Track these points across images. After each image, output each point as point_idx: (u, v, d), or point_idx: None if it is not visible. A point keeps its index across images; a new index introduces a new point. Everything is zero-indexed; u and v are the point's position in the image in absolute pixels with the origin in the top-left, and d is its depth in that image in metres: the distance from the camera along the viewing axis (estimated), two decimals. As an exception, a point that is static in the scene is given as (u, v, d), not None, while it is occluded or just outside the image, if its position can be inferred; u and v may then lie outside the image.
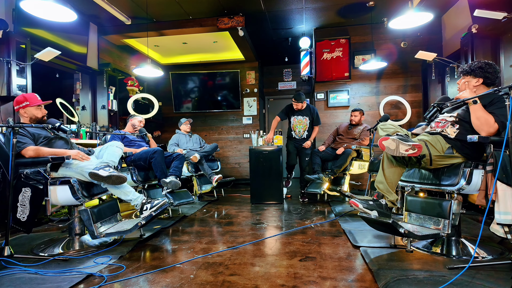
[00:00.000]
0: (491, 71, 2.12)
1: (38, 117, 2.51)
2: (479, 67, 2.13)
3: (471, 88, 2.18)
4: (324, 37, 5.39)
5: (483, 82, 2.14)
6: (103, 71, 4.71)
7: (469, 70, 2.18)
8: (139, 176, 3.28)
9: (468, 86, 2.19)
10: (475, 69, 2.15)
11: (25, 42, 3.33)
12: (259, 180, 4.15)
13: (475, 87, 2.17)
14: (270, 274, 1.89)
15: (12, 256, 2.07)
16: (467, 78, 2.21)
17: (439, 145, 2.12)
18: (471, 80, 2.18)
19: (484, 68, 2.12)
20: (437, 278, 1.73)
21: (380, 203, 2.23)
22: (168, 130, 6.50)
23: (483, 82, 2.14)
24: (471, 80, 2.18)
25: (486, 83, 2.15)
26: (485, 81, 2.14)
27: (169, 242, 2.60)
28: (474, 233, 2.55)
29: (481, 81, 2.14)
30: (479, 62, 2.16)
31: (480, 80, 2.14)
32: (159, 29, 4.82)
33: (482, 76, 2.13)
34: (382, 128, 2.40)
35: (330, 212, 3.58)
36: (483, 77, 2.13)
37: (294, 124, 4.52)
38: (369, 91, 5.32)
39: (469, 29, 3.74)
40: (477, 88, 2.17)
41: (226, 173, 6.38)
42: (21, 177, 2.21)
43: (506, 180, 1.74)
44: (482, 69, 2.12)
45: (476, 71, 2.14)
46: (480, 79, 2.14)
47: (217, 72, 6.46)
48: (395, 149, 2.04)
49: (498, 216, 1.75)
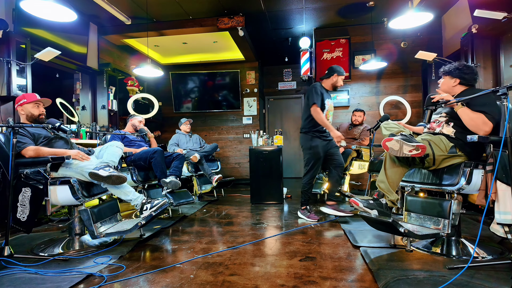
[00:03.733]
0: (468, 72, 2.22)
1: (34, 115, 2.49)
2: (456, 68, 2.23)
3: (450, 88, 2.28)
4: (324, 37, 5.39)
5: (460, 82, 2.24)
6: (103, 71, 4.71)
7: (447, 70, 2.28)
8: (139, 176, 3.28)
9: (448, 86, 2.29)
10: (452, 70, 2.25)
11: (25, 42, 3.33)
12: (259, 180, 4.14)
13: (453, 87, 2.27)
14: (270, 274, 1.89)
15: (12, 256, 2.07)
16: (446, 78, 2.30)
17: (442, 145, 2.13)
18: (449, 80, 2.28)
19: (461, 69, 2.22)
20: (437, 278, 1.73)
21: (381, 202, 2.23)
22: (168, 130, 6.50)
23: (460, 83, 2.24)
24: (449, 80, 2.28)
25: (462, 83, 2.24)
26: (461, 81, 2.23)
27: (169, 242, 2.60)
28: (474, 233, 2.54)
29: (458, 81, 2.24)
30: (459, 64, 2.26)
31: (458, 80, 2.24)
32: (159, 29, 4.83)
33: (458, 76, 2.23)
34: (385, 127, 2.39)
35: (330, 212, 3.58)
36: (460, 78, 2.23)
37: (328, 111, 3.26)
38: (369, 91, 5.32)
39: (469, 29, 3.75)
40: (454, 88, 2.26)
41: (226, 173, 6.39)
42: (21, 177, 2.21)
43: (505, 180, 1.74)
44: (459, 70, 2.22)
45: (453, 72, 2.25)
46: (457, 79, 2.24)
47: (217, 72, 6.46)
48: (399, 150, 2.04)
49: (498, 216, 1.75)
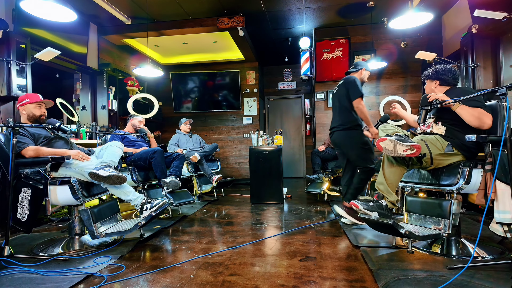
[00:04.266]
0: (444, 73, 2.30)
1: (36, 115, 2.50)
2: (434, 71, 2.34)
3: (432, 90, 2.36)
4: (324, 37, 5.39)
5: (440, 83, 2.33)
6: (103, 71, 4.72)
7: (427, 75, 2.40)
8: (139, 176, 3.28)
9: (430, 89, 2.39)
10: (430, 74, 2.37)
11: (25, 42, 3.33)
12: (259, 180, 4.14)
13: (435, 88, 2.36)
14: (270, 274, 1.89)
15: (12, 256, 2.07)
16: (427, 82, 2.42)
17: (438, 144, 2.13)
18: (430, 84, 2.39)
19: (438, 71, 2.32)
20: (437, 278, 1.73)
21: (381, 204, 2.23)
22: (168, 130, 6.50)
23: (440, 84, 2.33)
24: (430, 84, 2.39)
25: (442, 84, 2.33)
26: (441, 82, 2.33)
27: (169, 242, 2.60)
28: (474, 233, 2.54)
29: (438, 82, 2.34)
30: (435, 67, 2.36)
31: (437, 82, 2.34)
32: (159, 29, 4.83)
33: (437, 78, 2.33)
34: (382, 129, 2.43)
35: (330, 212, 3.58)
36: (438, 79, 2.33)
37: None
38: (369, 91, 5.32)
39: (469, 29, 3.75)
40: (436, 89, 2.35)
41: (226, 173, 6.39)
42: (21, 177, 2.21)
43: (505, 179, 1.74)
44: (437, 72, 2.33)
45: (431, 75, 2.36)
46: (436, 81, 2.34)
47: (217, 72, 6.46)
48: (393, 149, 2.04)
49: (498, 215, 1.76)
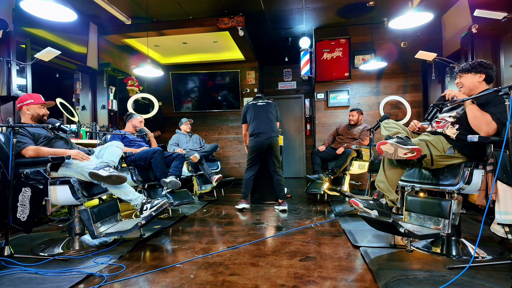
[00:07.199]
0: (490, 67, 2.17)
1: (40, 115, 2.53)
2: (479, 64, 2.18)
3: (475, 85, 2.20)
4: (324, 37, 5.39)
5: (485, 78, 2.17)
6: (103, 71, 4.71)
7: (469, 67, 2.21)
8: (139, 176, 3.28)
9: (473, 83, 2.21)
10: (476, 66, 2.18)
11: (25, 42, 3.33)
12: (259, 180, 4.14)
13: (479, 83, 2.20)
14: (270, 274, 1.89)
15: (12, 256, 2.07)
16: (468, 76, 2.22)
17: (440, 145, 2.12)
18: (473, 77, 2.20)
19: (483, 64, 2.17)
20: (437, 278, 1.72)
21: (381, 202, 2.23)
22: (168, 130, 6.50)
23: (485, 78, 2.18)
24: (472, 77, 2.20)
25: (486, 79, 2.18)
26: (486, 77, 2.17)
27: (169, 242, 2.59)
28: (474, 233, 2.54)
29: (484, 76, 2.17)
30: (477, 61, 2.21)
31: (483, 75, 2.17)
32: (159, 29, 4.82)
33: (484, 72, 2.17)
34: (385, 127, 2.38)
35: (330, 212, 3.58)
36: (485, 73, 2.17)
37: None
38: (369, 91, 5.32)
39: (469, 29, 3.74)
40: (480, 84, 2.19)
41: (226, 173, 6.38)
42: (21, 177, 2.21)
43: (506, 180, 1.74)
44: (482, 65, 2.17)
45: (477, 67, 2.18)
46: (482, 74, 2.17)
47: (217, 72, 6.46)
48: (394, 153, 2.03)
49: (499, 216, 1.75)
